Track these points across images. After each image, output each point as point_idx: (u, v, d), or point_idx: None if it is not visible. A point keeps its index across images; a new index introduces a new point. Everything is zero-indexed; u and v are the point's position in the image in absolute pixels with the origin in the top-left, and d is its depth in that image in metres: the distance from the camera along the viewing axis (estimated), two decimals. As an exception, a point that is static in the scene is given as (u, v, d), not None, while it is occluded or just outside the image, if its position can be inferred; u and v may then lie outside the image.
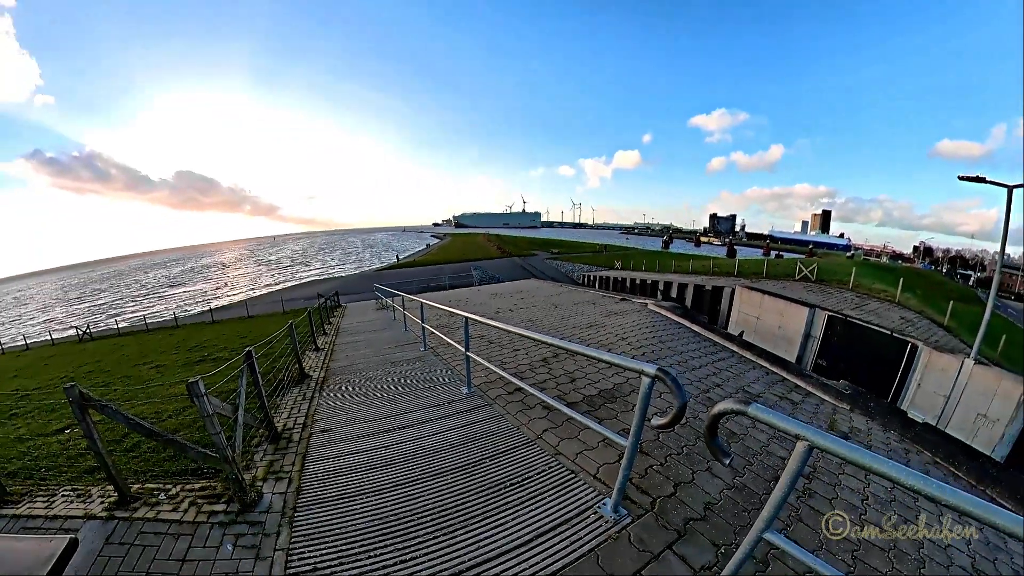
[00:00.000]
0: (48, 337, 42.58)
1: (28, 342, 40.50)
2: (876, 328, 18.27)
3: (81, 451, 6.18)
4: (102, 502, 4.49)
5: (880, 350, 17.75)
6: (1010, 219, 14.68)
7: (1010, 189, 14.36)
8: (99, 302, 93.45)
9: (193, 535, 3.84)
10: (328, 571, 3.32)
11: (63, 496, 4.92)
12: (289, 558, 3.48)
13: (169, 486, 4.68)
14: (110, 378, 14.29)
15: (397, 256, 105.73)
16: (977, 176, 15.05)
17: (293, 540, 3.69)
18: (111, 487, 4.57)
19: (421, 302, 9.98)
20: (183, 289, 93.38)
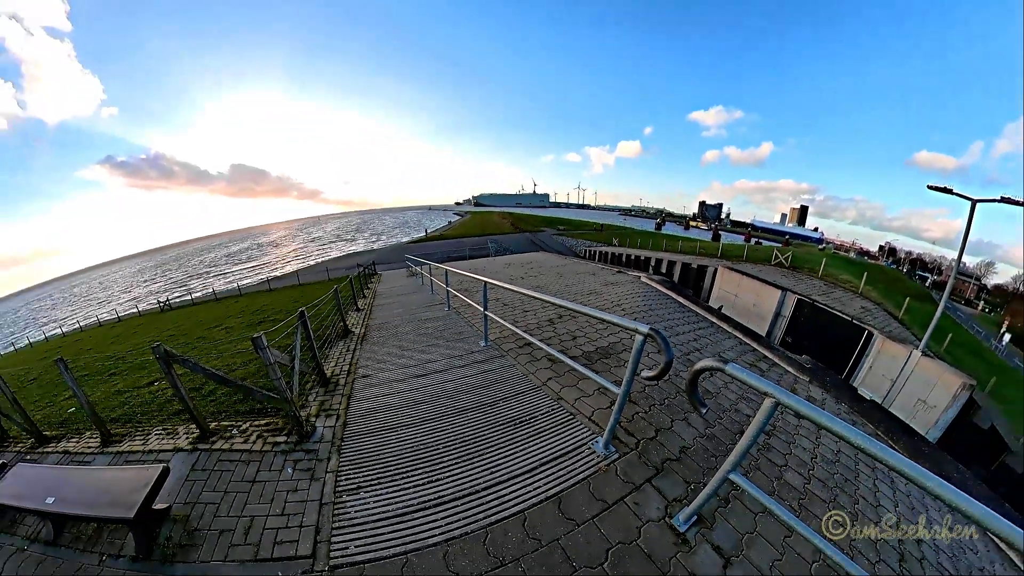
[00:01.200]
0: (136, 309, 43.84)
1: (120, 315, 41.66)
2: (838, 313, 18.15)
3: (168, 399, 6.40)
4: (187, 438, 4.76)
5: (840, 333, 17.69)
6: (970, 230, 14.32)
7: (974, 203, 13.94)
8: (172, 279, 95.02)
9: (260, 461, 4.08)
10: (369, 489, 3.53)
11: (156, 435, 5.21)
12: (338, 479, 3.69)
13: (240, 423, 4.91)
14: (188, 339, 14.68)
15: (425, 231, 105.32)
16: (945, 187, 14.51)
17: (341, 464, 3.89)
18: (194, 426, 4.84)
19: (446, 269, 9.97)
20: (245, 265, 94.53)
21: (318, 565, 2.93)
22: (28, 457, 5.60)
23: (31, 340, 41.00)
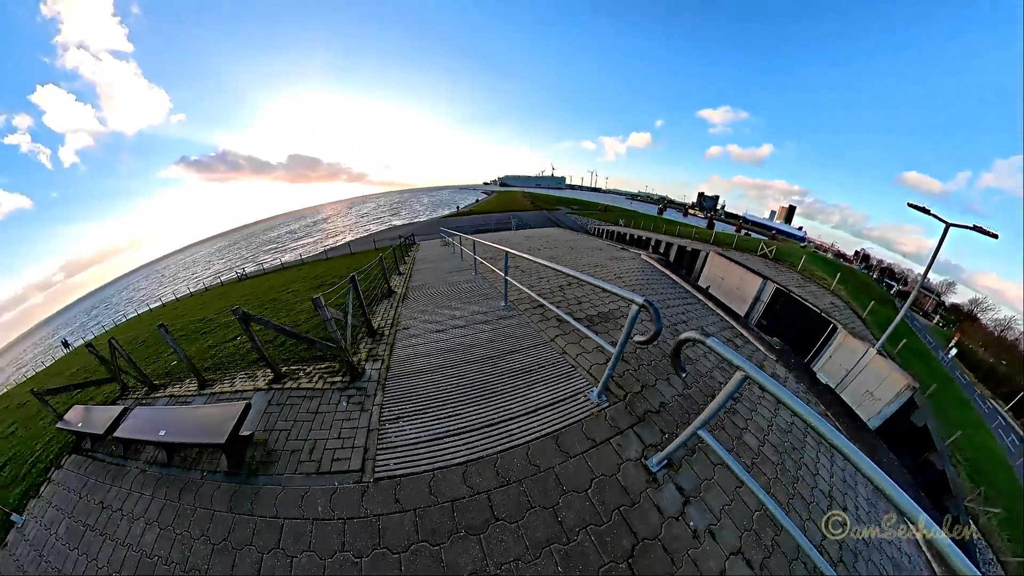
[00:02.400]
0: (218, 280, 45.60)
1: (206, 285, 43.52)
2: (810, 305, 17.63)
3: (248, 350, 6.80)
4: (264, 380, 5.12)
5: (809, 323, 17.30)
6: (940, 250, 13.69)
7: (948, 226, 13.30)
8: (245, 255, 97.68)
9: (321, 397, 4.38)
10: (406, 420, 3.78)
11: (239, 378, 5.62)
12: (382, 411, 3.95)
13: (305, 367, 5.21)
14: (261, 302, 15.24)
15: (457, 207, 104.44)
16: (924, 208, 13.76)
17: (384, 400, 4.13)
18: (268, 370, 5.20)
19: (473, 240, 9.96)
20: (305, 239, 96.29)
21: (365, 477, 3.23)
22: (144, 402, 6.13)
23: (137, 312, 43.38)
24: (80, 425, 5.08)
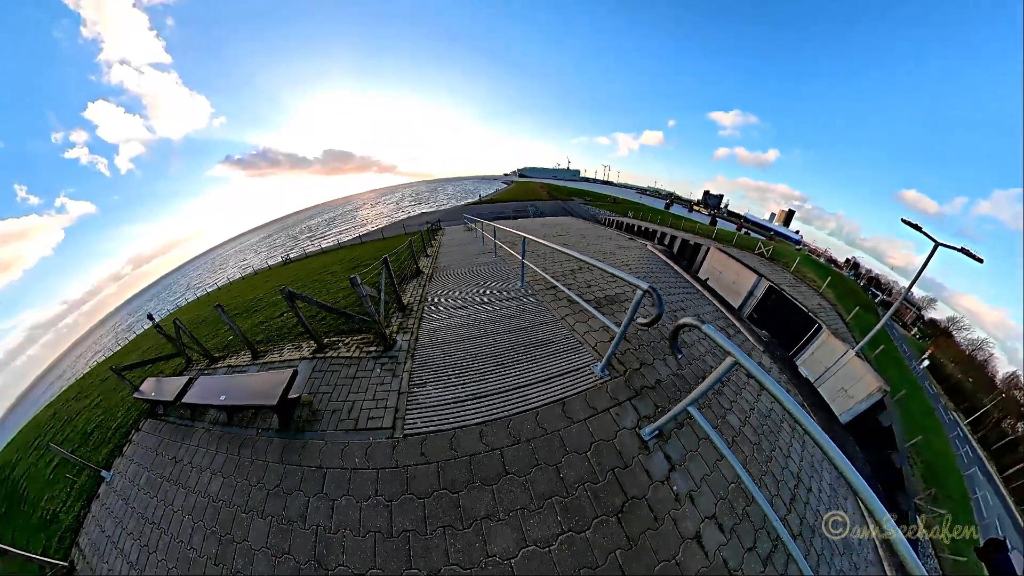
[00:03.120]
0: (265, 264, 46.95)
1: (255, 269, 44.86)
2: (799, 304, 17.22)
3: (294, 324, 6.97)
4: (308, 350, 5.32)
5: (796, 320, 17.00)
6: (926, 267, 13.25)
7: (937, 245, 12.85)
8: (288, 242, 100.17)
9: (358, 364, 4.54)
10: (431, 385, 3.91)
11: (287, 349, 5.85)
12: (411, 377, 4.09)
13: (344, 339, 5.37)
14: (304, 282, 15.61)
15: (479, 196, 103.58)
16: (917, 225, 13.23)
17: (413, 367, 4.27)
18: (312, 341, 5.40)
19: (494, 226, 9.97)
20: (341, 226, 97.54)
21: (396, 434, 3.38)
22: (206, 372, 6.47)
23: (196, 295, 45.12)
24: (153, 394, 5.43)
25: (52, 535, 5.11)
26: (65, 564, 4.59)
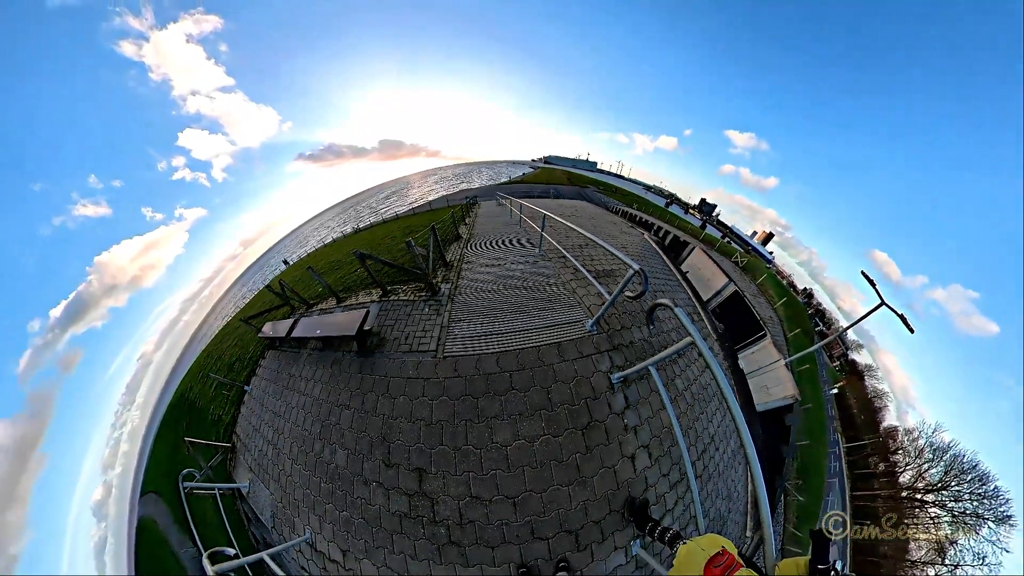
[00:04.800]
0: (340, 232, 48.55)
1: (333, 239, 46.38)
2: (754, 311, 16.37)
3: (365, 277, 7.18)
4: (376, 295, 5.68)
5: (747, 323, 16.35)
6: (866, 317, 12.01)
7: (882, 303, 11.57)
8: (356, 216, 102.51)
9: (412, 305, 4.91)
10: (464, 322, 4.27)
11: (361, 295, 6.24)
12: (450, 315, 4.44)
13: (402, 286, 5.64)
14: (371, 245, 16.05)
15: (509, 177, 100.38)
16: (872, 281, 11.83)
17: (452, 308, 4.59)
18: (379, 289, 5.74)
19: (520, 203, 9.95)
20: (398, 202, 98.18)
21: (438, 355, 3.84)
22: (305, 314, 7.13)
23: (291, 262, 47.65)
24: (271, 333, 6.12)
25: (219, 429, 6.24)
26: (228, 445, 5.63)
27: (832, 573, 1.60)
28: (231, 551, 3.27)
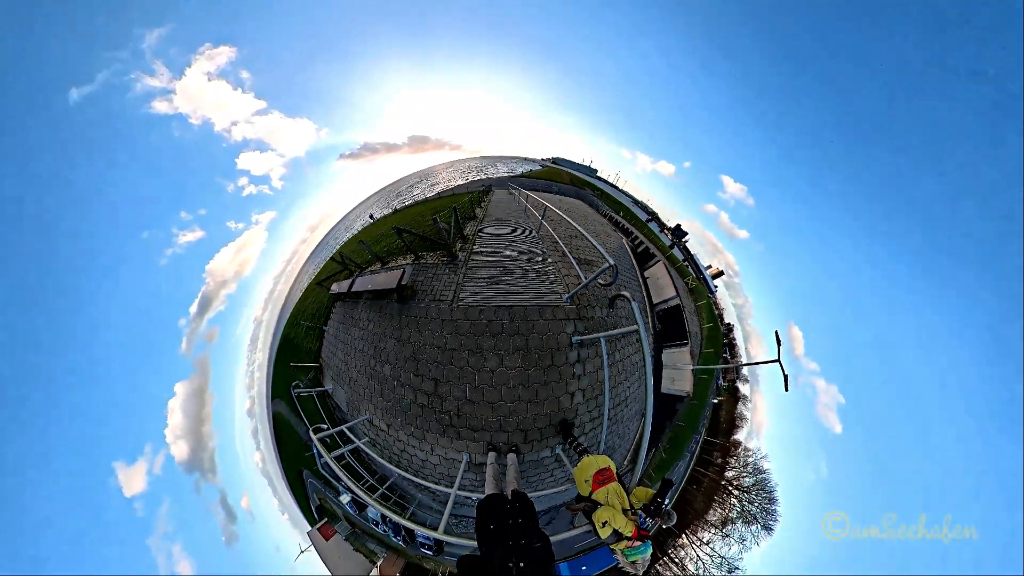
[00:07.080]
0: (382, 213, 47.77)
1: (374, 219, 45.64)
2: (686, 323, 15.33)
3: (401, 246, 6.93)
4: (410, 259, 5.68)
5: (678, 330, 15.53)
6: (760, 364, 10.07)
7: (777, 360, 9.00)
8: (392, 200, 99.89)
9: (437, 267, 5.05)
10: (473, 282, 4.47)
11: (399, 259, 6.24)
12: (464, 275, 4.64)
13: (429, 253, 5.61)
14: (406, 222, 16.25)
15: (520, 172, 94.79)
16: (780, 340, 9.11)
17: (466, 271, 4.77)
18: (412, 255, 5.79)
19: (527, 193, 9.63)
20: (426, 188, 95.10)
21: (454, 304, 4.15)
22: (360, 275, 7.34)
23: (343, 241, 47.03)
24: (337, 289, 6.50)
25: (311, 354, 6.90)
26: (317, 365, 6.27)
27: (664, 505, 2.08)
28: (324, 426, 4.00)
